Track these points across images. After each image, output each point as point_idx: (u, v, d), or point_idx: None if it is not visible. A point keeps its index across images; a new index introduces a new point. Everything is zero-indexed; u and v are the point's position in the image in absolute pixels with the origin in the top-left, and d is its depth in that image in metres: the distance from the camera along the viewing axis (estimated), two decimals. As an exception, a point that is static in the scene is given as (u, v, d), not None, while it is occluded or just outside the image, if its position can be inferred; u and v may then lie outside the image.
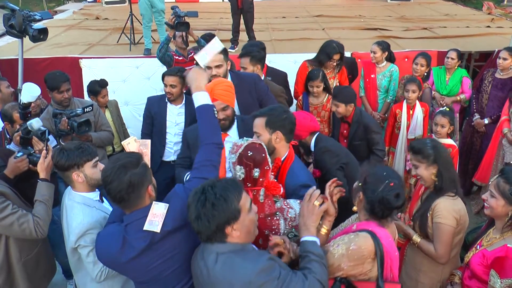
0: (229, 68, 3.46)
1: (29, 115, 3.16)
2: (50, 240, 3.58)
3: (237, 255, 1.81)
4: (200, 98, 2.34)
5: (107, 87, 4.57)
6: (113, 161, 2.03)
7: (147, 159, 2.41)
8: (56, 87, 3.69)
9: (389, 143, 4.83)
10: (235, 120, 3.12)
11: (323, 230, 2.14)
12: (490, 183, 2.38)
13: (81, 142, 2.62)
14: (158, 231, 1.98)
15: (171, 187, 3.61)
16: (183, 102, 4.03)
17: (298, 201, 2.36)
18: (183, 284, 2.12)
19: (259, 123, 2.60)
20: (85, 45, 7.32)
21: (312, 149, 3.28)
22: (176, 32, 5.02)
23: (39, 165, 2.73)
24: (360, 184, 2.10)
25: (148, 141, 2.51)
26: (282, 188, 2.45)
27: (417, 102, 4.60)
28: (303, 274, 1.85)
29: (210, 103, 2.35)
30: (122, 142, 2.54)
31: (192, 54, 5.25)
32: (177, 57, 5.18)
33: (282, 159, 2.62)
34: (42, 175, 2.72)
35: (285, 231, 2.30)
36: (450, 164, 2.70)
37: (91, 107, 3.60)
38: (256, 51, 4.11)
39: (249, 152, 2.32)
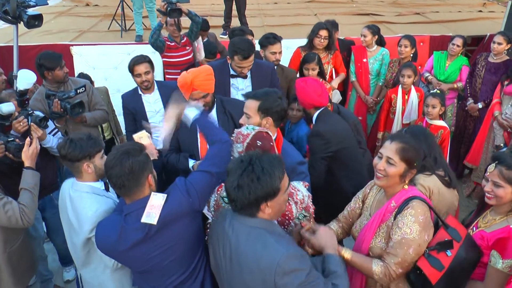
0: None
1: (26, 102, 3.13)
2: (49, 224, 3.60)
3: (272, 235, 1.82)
4: (189, 115, 2.45)
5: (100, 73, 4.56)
6: (117, 147, 2.06)
7: (152, 150, 2.49)
8: (57, 64, 3.64)
9: (384, 128, 4.85)
10: (215, 103, 3.19)
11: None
12: (488, 173, 2.34)
13: (89, 132, 2.57)
14: (155, 223, 1.99)
15: (162, 175, 3.66)
16: (156, 87, 3.98)
17: (301, 182, 2.41)
18: (181, 273, 2.15)
19: (252, 105, 2.58)
20: (76, 32, 7.25)
21: (314, 121, 3.25)
22: (168, 19, 4.98)
23: (23, 153, 2.71)
24: (416, 164, 2.16)
25: (148, 135, 2.61)
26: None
27: (412, 87, 4.61)
28: (332, 284, 1.86)
29: (199, 111, 2.44)
30: (134, 136, 2.55)
31: (185, 39, 5.23)
32: (169, 43, 5.14)
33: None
34: (27, 163, 2.71)
35: (297, 214, 2.32)
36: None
37: (83, 88, 3.57)
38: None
39: (257, 141, 2.29)
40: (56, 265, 4.04)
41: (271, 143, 2.34)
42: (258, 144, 2.29)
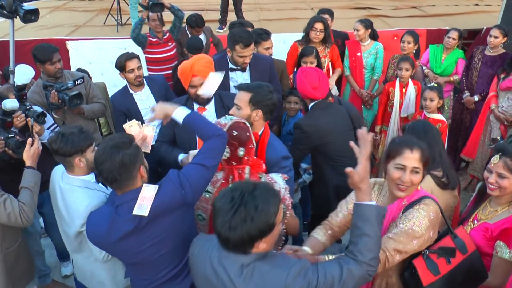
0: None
1: (24, 97, 3.11)
2: (47, 220, 3.60)
3: (264, 262, 1.69)
4: (179, 114, 2.26)
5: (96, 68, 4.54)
6: (106, 141, 2.03)
7: (149, 142, 2.44)
8: (48, 59, 3.60)
9: (382, 122, 4.85)
10: (214, 95, 3.17)
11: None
12: (492, 165, 2.33)
13: (80, 125, 2.55)
14: (146, 215, 1.97)
15: (156, 169, 3.64)
16: (145, 83, 3.93)
17: (280, 175, 2.41)
18: (173, 267, 2.14)
19: (243, 97, 2.59)
20: (71, 26, 7.22)
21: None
22: (150, 14, 4.90)
23: (25, 153, 2.70)
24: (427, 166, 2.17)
25: (153, 127, 2.52)
26: (264, 165, 2.49)
27: (410, 80, 4.59)
28: (339, 264, 1.76)
29: (188, 111, 2.29)
30: (124, 126, 2.51)
31: (167, 35, 5.16)
32: (151, 39, 5.06)
33: (259, 133, 2.65)
34: (28, 162, 2.70)
35: None
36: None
37: (82, 80, 3.55)
38: None
39: (234, 131, 2.30)
40: (53, 260, 4.03)
41: (248, 134, 2.34)
42: (235, 134, 2.29)
